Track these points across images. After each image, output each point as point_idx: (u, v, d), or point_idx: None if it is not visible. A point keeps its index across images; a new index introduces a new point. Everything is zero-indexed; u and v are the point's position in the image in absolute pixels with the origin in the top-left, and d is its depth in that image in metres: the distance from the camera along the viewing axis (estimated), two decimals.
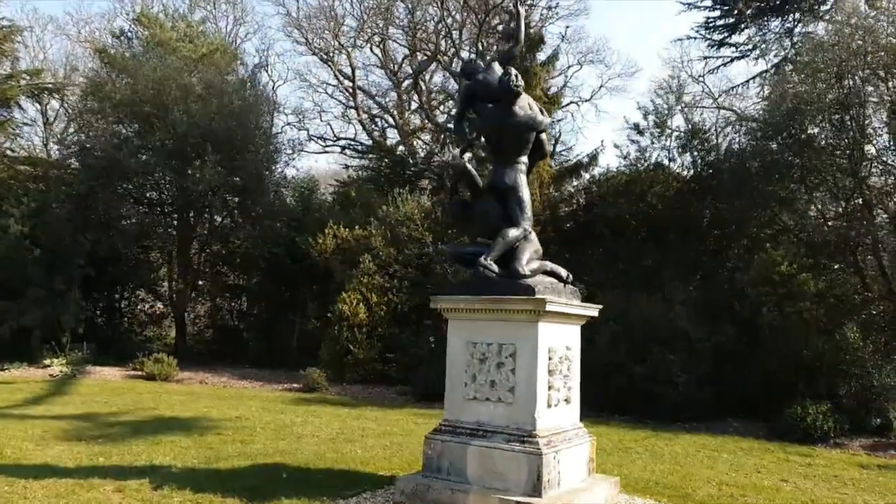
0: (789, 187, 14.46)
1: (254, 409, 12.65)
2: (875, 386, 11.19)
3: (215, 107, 21.23)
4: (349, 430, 10.66)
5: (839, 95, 13.69)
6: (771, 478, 8.56)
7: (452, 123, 7.62)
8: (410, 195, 18.56)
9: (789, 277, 12.36)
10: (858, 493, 7.90)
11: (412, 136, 32.07)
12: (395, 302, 17.00)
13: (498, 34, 20.98)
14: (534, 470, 6.12)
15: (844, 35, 13.85)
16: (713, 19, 24.34)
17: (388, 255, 17.54)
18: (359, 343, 16.62)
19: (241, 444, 9.25)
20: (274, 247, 20.91)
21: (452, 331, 6.91)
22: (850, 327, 11.82)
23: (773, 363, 11.96)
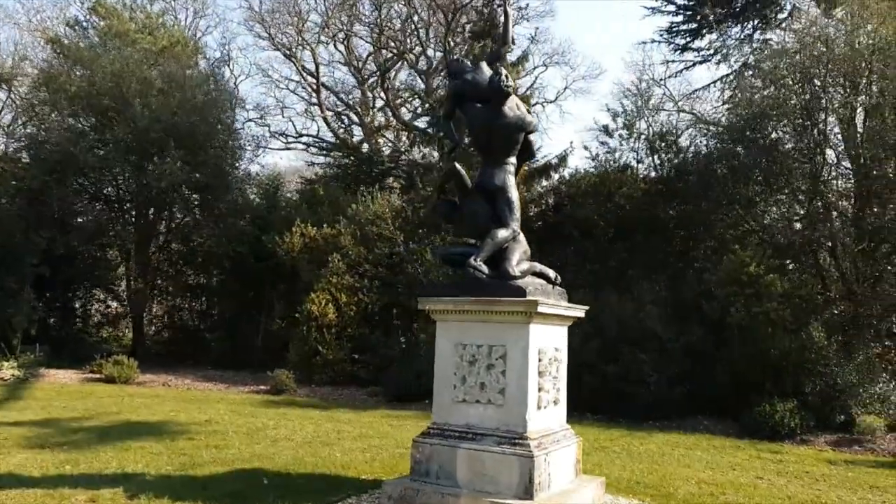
0: (754, 190, 14.78)
1: (223, 413, 12.36)
2: (838, 384, 11.51)
3: (178, 101, 20.71)
4: (324, 434, 10.48)
5: (802, 101, 14.04)
6: (746, 475, 8.71)
7: (440, 122, 7.54)
8: (380, 193, 18.40)
9: (757, 278, 12.62)
10: (831, 489, 8.08)
11: (376, 134, 31.86)
12: (365, 302, 16.83)
13: (468, 33, 20.92)
14: (525, 472, 6.08)
15: (808, 43, 14.20)
16: (677, 24, 24.80)
17: (358, 254, 17.35)
18: (328, 344, 16.40)
19: (215, 449, 9.00)
20: (238, 245, 20.50)
21: (441, 332, 6.82)
22: (816, 327, 12.15)
23: (741, 362, 12.19)
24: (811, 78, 14.06)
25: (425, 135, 21.26)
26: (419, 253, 16.86)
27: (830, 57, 13.81)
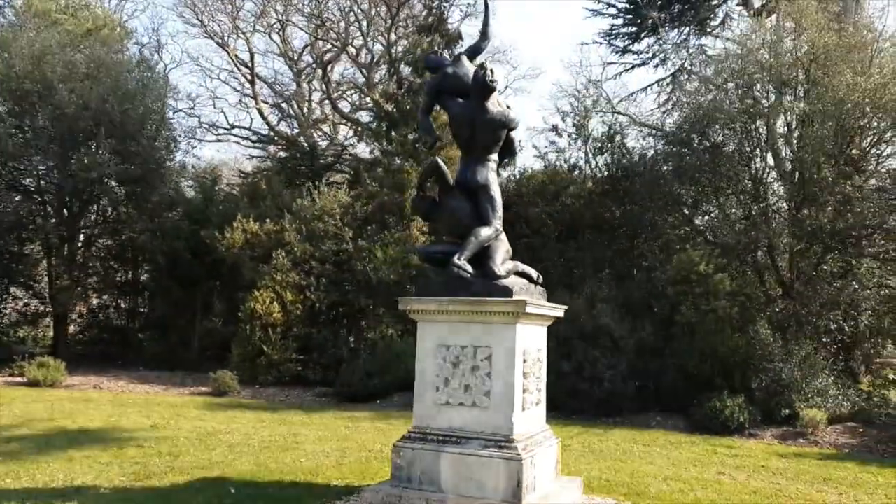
0: (699, 191, 15.18)
1: (167, 417, 11.76)
2: (783, 379, 11.94)
3: (108, 87, 19.59)
4: (281, 438, 10.10)
5: (745, 106, 14.51)
6: (709, 471, 8.89)
7: (418, 116, 7.30)
8: (327, 189, 17.95)
9: (706, 277, 12.97)
10: (790, 483, 8.34)
11: (314, 128, 31.20)
12: (311, 300, 16.36)
13: (414, 28, 20.66)
14: (513, 475, 5.97)
15: (751, 49, 14.69)
16: (617, 27, 25.31)
17: (304, 251, 16.86)
18: (273, 343, 15.86)
19: (169, 456, 8.51)
20: (173, 240, 19.60)
21: (422, 334, 6.62)
22: (762, 324, 12.59)
23: (691, 359, 12.49)
24: (753, 84, 14.56)
25: (368, 129, 20.85)
26: (368, 250, 16.54)
27: (772, 64, 14.34)
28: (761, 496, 7.64)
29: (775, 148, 14.69)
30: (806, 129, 13.91)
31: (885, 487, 8.29)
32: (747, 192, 14.83)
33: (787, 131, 14.37)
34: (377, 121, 21.66)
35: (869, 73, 13.23)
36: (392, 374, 14.66)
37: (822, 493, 7.91)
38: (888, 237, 12.66)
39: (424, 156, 18.25)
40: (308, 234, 17.17)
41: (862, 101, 13.11)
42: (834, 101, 13.34)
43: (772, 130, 14.67)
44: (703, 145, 15.08)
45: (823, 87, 13.69)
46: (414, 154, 18.31)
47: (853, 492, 8.03)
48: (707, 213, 15.72)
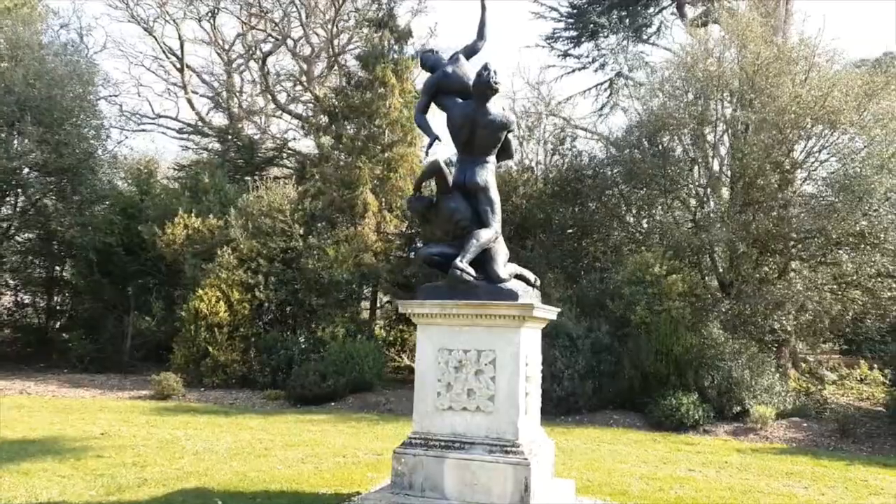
0: (649, 194, 15.60)
1: (114, 423, 11.12)
2: (733, 377, 12.43)
3: (34, 72, 18.33)
4: (247, 444, 9.71)
5: (694, 112, 15.01)
6: (679, 468, 9.14)
7: (414, 116, 7.14)
8: (275, 183, 17.41)
9: (660, 278, 13.34)
10: (758, 479, 8.67)
11: (248, 120, 30.26)
12: (260, 299, 15.84)
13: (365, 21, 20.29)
14: (521, 480, 5.94)
15: (699, 58, 15.22)
16: (559, 30, 25.74)
17: (251, 248, 16.30)
18: (219, 344, 15.29)
19: (135, 467, 8.03)
20: (105, 235, 18.56)
21: (423, 337, 6.49)
22: (715, 324, 13.07)
23: (647, 358, 12.81)
24: (701, 92, 15.08)
25: (316, 124, 20.38)
26: (319, 248, 16.17)
27: (720, 74, 14.89)
28: (737, 492, 7.90)
29: (721, 154, 15.24)
30: (749, 137, 14.50)
31: (843, 480, 8.74)
32: (694, 197, 15.36)
33: (733, 138, 14.91)
34: (326, 115, 21.21)
35: (810, 86, 13.90)
36: (346, 376, 14.39)
37: (789, 488, 8.26)
38: (827, 241, 13.36)
39: (375, 152, 18.06)
40: (255, 230, 16.61)
41: (802, 111, 13.78)
42: (777, 110, 13.97)
43: (718, 137, 15.21)
44: (653, 150, 15.50)
45: (767, 97, 14.31)
46: (364, 150, 18.04)
47: (816, 485, 8.43)
48: (652, 216, 16.17)
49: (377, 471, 8.12)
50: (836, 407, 13.00)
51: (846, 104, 13.56)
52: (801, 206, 14.09)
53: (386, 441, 10.29)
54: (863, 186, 13.10)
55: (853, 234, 13.20)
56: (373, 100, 18.08)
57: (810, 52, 14.90)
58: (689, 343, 12.70)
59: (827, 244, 13.49)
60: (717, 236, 13.76)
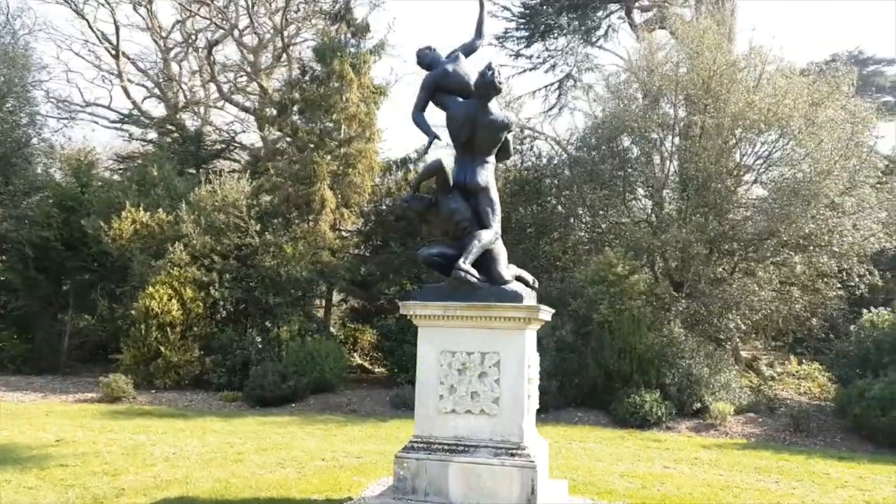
0: (607, 196, 15.87)
1: (68, 429, 10.52)
2: (693, 375, 12.81)
3: None
4: (217, 448, 9.35)
5: (652, 116, 15.38)
6: (654, 465, 9.32)
7: (412, 114, 7.00)
8: (229, 177, 16.84)
9: (623, 278, 13.60)
10: (731, 474, 8.94)
11: (188, 110, 29.21)
12: (214, 298, 15.30)
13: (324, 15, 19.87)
14: (527, 483, 5.92)
15: (661, 62, 15.59)
16: (511, 30, 25.91)
17: (204, 244, 15.72)
18: (171, 344, 14.68)
19: (106, 476, 7.61)
20: (42, 229, 17.55)
21: (424, 339, 6.39)
22: (676, 322, 13.41)
23: (610, 356, 13.03)
24: (659, 96, 15.46)
25: (269, 118, 19.84)
26: (275, 245, 15.76)
27: (678, 79, 15.29)
28: (716, 488, 8.11)
29: (677, 157, 15.63)
30: (703, 142, 14.95)
31: (807, 474, 9.08)
32: (650, 199, 15.73)
33: (688, 142, 15.32)
34: (275, 108, 20.70)
35: (763, 93, 14.43)
36: (307, 376, 14.09)
37: (762, 483, 8.54)
38: (779, 244, 13.91)
39: (332, 147, 17.73)
40: (208, 226, 16.03)
41: (756, 116, 14.29)
42: (732, 115, 14.46)
43: (673, 141, 15.61)
44: (611, 152, 15.79)
45: (723, 103, 14.78)
46: (321, 145, 17.69)
47: (785, 479, 8.74)
48: (610, 217, 16.46)
49: (363, 474, 7.96)
50: (786, 402, 13.55)
51: (796, 111, 14.16)
52: (753, 209, 14.62)
53: (360, 443, 10.13)
54: (811, 191, 13.71)
55: (802, 236, 13.78)
56: (330, 94, 17.73)
57: (761, 61, 15.49)
58: (650, 341, 12.99)
59: (778, 246, 14.05)
60: (674, 238, 14.12)
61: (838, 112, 14.80)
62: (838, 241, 14.01)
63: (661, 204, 15.60)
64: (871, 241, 13.87)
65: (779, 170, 14.81)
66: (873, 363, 12.38)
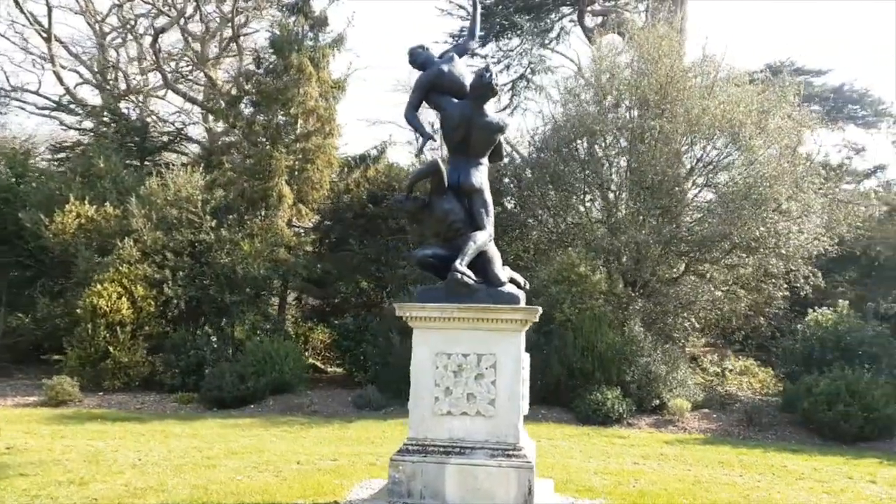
0: (566, 197, 16.11)
1: (16, 435, 9.99)
2: (651, 372, 13.16)
3: None
4: (184, 453, 9.03)
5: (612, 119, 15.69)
6: (624, 461, 9.54)
7: (405, 113, 6.90)
8: (182, 170, 16.26)
9: (583, 278, 13.84)
10: (698, 469, 9.22)
11: (126, 99, 28.06)
12: (168, 296, 14.76)
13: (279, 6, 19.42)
14: (524, 484, 5.97)
15: (623, 66, 15.92)
16: (466, 29, 25.91)
17: (155, 240, 15.15)
18: (121, 344, 14.09)
19: (73, 485, 7.24)
20: None
21: (419, 341, 6.35)
22: (636, 321, 13.74)
23: (573, 354, 13.22)
24: (620, 100, 15.80)
25: (224, 111, 19.28)
26: (231, 241, 15.34)
27: (635, 83, 15.64)
28: (687, 483, 8.35)
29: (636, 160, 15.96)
30: (660, 146, 15.35)
31: (767, 467, 9.47)
32: (608, 200, 16.05)
33: (645, 146, 15.66)
34: (223, 100, 20.15)
35: (718, 100, 14.93)
36: (266, 377, 13.77)
37: (728, 476, 8.85)
38: (731, 246, 14.43)
39: (289, 142, 17.39)
40: (159, 221, 15.45)
41: (711, 122, 14.78)
42: (688, 121, 14.91)
43: (632, 144, 15.96)
44: (572, 154, 16.03)
45: (680, 107, 15.20)
46: (277, 139, 17.31)
47: (748, 473, 9.09)
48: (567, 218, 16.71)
49: (343, 477, 7.84)
50: (738, 398, 14.10)
51: (748, 119, 14.72)
52: (707, 212, 15.11)
53: (331, 445, 9.98)
54: (761, 195, 14.28)
55: (753, 238, 14.32)
56: (287, 87, 17.36)
57: (714, 69, 16.02)
58: (611, 340, 13.26)
59: (730, 248, 14.57)
60: (632, 239, 14.46)
61: (785, 120, 15.47)
62: (785, 243, 14.63)
63: (619, 206, 15.93)
64: (814, 244, 14.54)
65: (730, 174, 15.35)
66: (818, 360, 13.03)
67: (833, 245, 14.74)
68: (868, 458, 10.37)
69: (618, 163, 16.09)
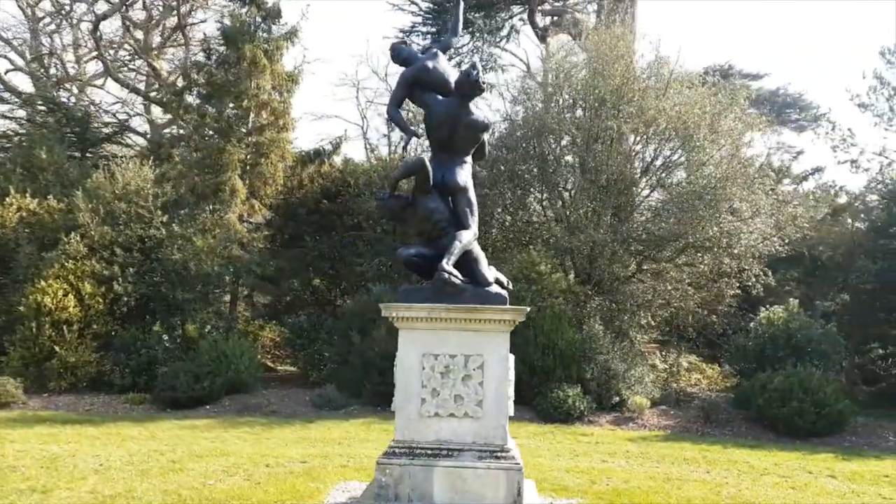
0: (522, 195, 16.20)
1: None
2: (611, 370, 13.36)
3: None
4: (146, 457, 8.68)
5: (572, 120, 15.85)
6: (592, 459, 9.64)
7: (388, 110, 6.76)
8: (131, 163, 15.60)
9: (544, 276, 13.94)
10: (665, 466, 9.39)
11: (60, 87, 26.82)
12: (118, 293, 14.15)
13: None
14: (513, 485, 5.95)
15: (581, 67, 16.09)
16: (417, 24, 25.85)
17: (103, 235, 14.51)
18: (68, 343, 13.44)
19: (36, 493, 6.89)
20: None
21: (406, 342, 6.24)
22: (596, 318, 13.91)
23: (534, 352, 13.28)
24: (576, 100, 15.96)
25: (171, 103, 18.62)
26: (184, 237, 14.83)
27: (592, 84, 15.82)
28: (658, 480, 8.50)
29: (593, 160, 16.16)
30: (617, 146, 15.59)
31: (731, 463, 9.71)
32: (563, 199, 16.20)
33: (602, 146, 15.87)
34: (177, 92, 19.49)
35: (673, 101, 15.25)
36: (222, 376, 13.37)
37: (696, 473, 9.05)
38: (686, 245, 14.79)
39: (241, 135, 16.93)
40: (107, 215, 14.81)
41: (666, 123, 15.10)
42: (645, 121, 15.19)
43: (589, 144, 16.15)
44: (528, 153, 16.12)
45: (635, 109, 15.46)
46: (229, 132, 16.81)
47: (714, 469, 9.30)
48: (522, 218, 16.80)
49: (317, 480, 7.67)
50: (695, 395, 14.46)
51: (702, 121, 15.09)
52: (663, 211, 15.42)
53: (297, 447, 9.75)
54: (715, 196, 14.66)
55: (707, 238, 14.70)
56: (240, 80, 16.87)
57: (668, 71, 16.35)
58: (571, 338, 13.38)
59: (685, 247, 14.92)
60: (589, 238, 14.63)
61: (736, 123, 15.93)
62: (736, 243, 15.06)
63: (576, 205, 16.09)
64: (765, 244, 15.01)
65: (683, 174, 15.72)
66: (770, 357, 13.46)
67: (784, 245, 15.24)
68: (822, 453, 10.77)
69: (574, 162, 16.24)
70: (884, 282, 16.03)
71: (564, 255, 15.68)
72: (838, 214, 20.07)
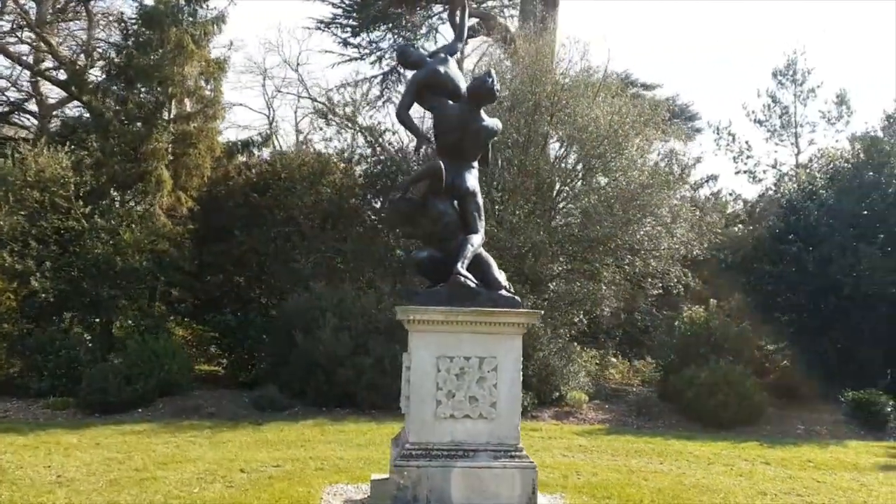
0: None
1: None
2: (550, 366, 13.83)
3: None
4: (106, 467, 8.11)
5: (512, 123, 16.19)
6: (552, 454, 9.95)
7: (397, 113, 6.68)
8: (46, 149, 14.38)
9: None
10: (624, 459, 9.86)
11: None
12: (35, 289, 13.03)
13: None
14: (528, 483, 6.13)
15: (514, 73, 16.46)
16: (339, 17, 25.38)
17: (14, 226, 13.32)
18: None
19: None
20: None
21: (420, 345, 6.28)
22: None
23: None
24: (515, 104, 16.33)
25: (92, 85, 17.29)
26: (110, 230, 13.90)
27: (530, 90, 16.25)
28: (624, 473, 8.90)
29: (529, 163, 16.56)
30: (547, 152, 16.12)
31: (677, 454, 10.25)
32: (502, 203, 16.54)
33: (537, 150, 16.32)
34: (79, 75, 18.17)
35: (607, 110, 15.94)
36: (154, 377, 12.68)
37: (652, 465, 9.56)
38: (617, 247, 15.53)
39: (166, 123, 16.06)
40: (17, 204, 13.61)
41: (598, 131, 15.77)
42: (579, 128, 15.79)
43: (524, 148, 16.56)
44: None
45: (568, 115, 16.04)
46: (153, 119, 15.88)
47: (666, 461, 9.82)
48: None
49: (303, 484, 7.49)
50: (625, 390, 15.24)
51: (633, 129, 15.89)
52: (594, 213, 16.08)
53: (262, 450, 9.45)
54: (643, 200, 15.49)
55: (636, 240, 15.51)
56: (164, 64, 15.95)
57: (599, 80, 17.07)
58: None
59: (616, 249, 15.67)
60: (528, 239, 15.05)
61: (658, 131, 16.90)
62: (657, 246, 15.99)
63: (514, 207, 16.46)
64: (687, 247, 16.02)
65: (612, 179, 16.46)
66: (693, 354, 14.41)
67: (703, 249, 16.34)
68: (748, 441, 11.65)
69: (510, 165, 16.60)
70: (781, 283, 17.54)
71: (501, 254, 16.00)
72: (735, 222, 21.74)
